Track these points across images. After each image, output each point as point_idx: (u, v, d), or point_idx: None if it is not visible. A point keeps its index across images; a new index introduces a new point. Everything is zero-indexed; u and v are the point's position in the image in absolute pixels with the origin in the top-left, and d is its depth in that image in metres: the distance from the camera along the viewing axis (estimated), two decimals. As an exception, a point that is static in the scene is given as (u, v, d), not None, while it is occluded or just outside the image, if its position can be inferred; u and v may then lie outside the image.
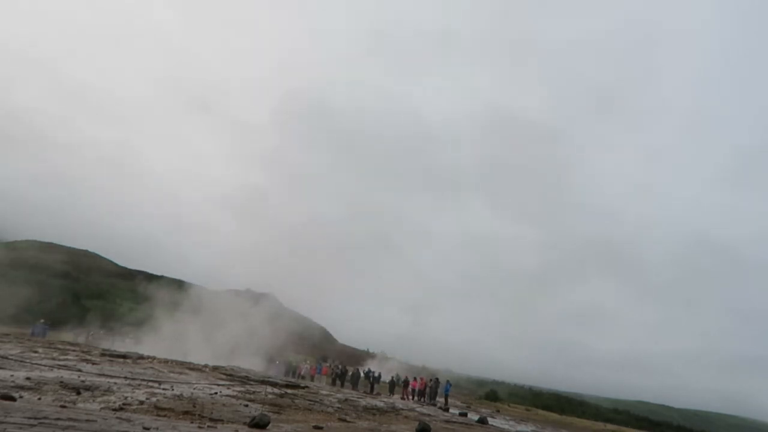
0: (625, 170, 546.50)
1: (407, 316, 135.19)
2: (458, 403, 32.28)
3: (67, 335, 28.58)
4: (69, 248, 60.36)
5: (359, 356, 60.83)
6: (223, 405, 8.92)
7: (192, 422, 6.74)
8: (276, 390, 13.17)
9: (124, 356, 15.25)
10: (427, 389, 26.55)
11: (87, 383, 8.84)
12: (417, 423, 10.10)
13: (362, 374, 29.27)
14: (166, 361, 15.66)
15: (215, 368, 15.85)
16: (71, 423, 4.82)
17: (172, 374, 12.77)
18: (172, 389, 9.94)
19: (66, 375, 9.63)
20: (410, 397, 25.58)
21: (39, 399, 7.07)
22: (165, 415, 7.21)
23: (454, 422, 14.81)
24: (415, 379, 28.23)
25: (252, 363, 19.83)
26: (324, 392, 15.96)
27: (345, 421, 9.94)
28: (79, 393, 7.98)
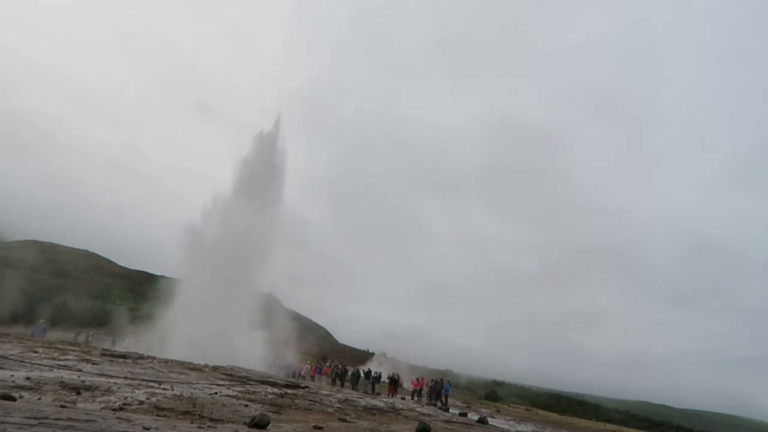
0: (625, 172, 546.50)
1: (408, 316, 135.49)
2: (458, 403, 32.30)
3: (67, 335, 28.56)
4: (69, 248, 60.40)
5: (359, 356, 60.88)
6: (223, 405, 8.91)
7: (192, 422, 6.74)
8: (276, 390, 13.16)
9: (124, 356, 15.24)
10: (426, 389, 26.56)
11: (87, 383, 8.84)
12: (417, 423, 10.10)
13: (362, 374, 29.27)
14: (166, 361, 15.66)
15: (215, 368, 15.84)
16: (71, 423, 4.82)
17: (172, 374, 12.76)
18: (172, 389, 9.93)
19: (66, 375, 9.63)
20: (398, 396, 25.56)
21: (39, 399, 7.07)
22: (165, 415, 7.20)
23: (454, 422, 14.80)
24: (417, 379, 28.21)
25: (252, 363, 19.83)
26: (324, 392, 15.95)
27: (345, 421, 9.94)
28: (79, 393, 7.97)
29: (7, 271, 38.27)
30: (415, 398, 25.84)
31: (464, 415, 19.47)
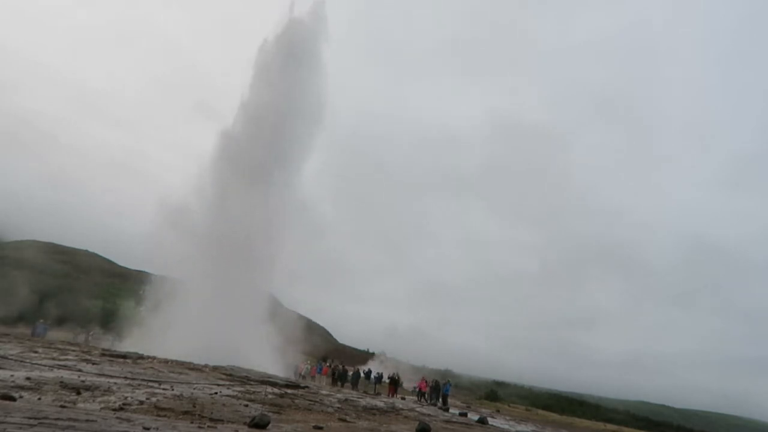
0: (625, 172, 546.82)
1: (408, 316, 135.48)
2: (458, 403, 32.29)
3: (67, 335, 28.55)
4: (69, 248, 60.36)
5: (359, 356, 60.85)
6: (223, 405, 8.91)
7: (192, 422, 6.74)
8: (276, 390, 13.17)
9: (124, 356, 15.23)
10: (427, 389, 26.57)
11: (87, 383, 8.84)
12: (417, 423, 10.10)
13: (362, 374, 29.27)
14: (166, 361, 15.65)
15: (215, 368, 15.84)
16: (71, 423, 4.82)
17: (172, 374, 12.76)
18: (172, 389, 9.93)
19: (66, 375, 9.63)
20: (398, 396, 25.57)
21: (39, 399, 7.07)
22: (165, 415, 7.21)
23: (454, 422, 14.80)
24: (426, 381, 28.16)
25: (254, 364, 19.61)
26: (324, 392, 15.96)
27: (345, 421, 9.94)
28: (79, 393, 7.98)
29: (7, 271, 38.28)
30: (418, 398, 25.89)
31: (464, 415, 19.47)
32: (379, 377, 30.21)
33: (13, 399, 6.24)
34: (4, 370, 9.09)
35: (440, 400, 25.26)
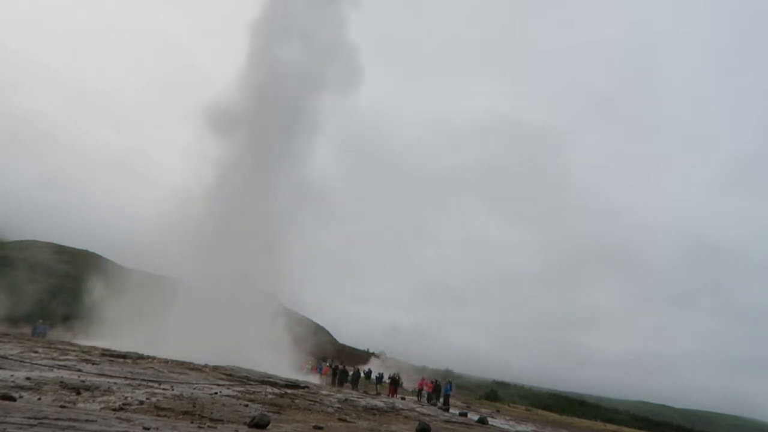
0: (625, 172, 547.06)
1: (408, 316, 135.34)
2: (458, 403, 32.27)
3: (66, 335, 28.55)
4: (70, 248, 60.38)
5: (359, 356, 60.85)
6: (223, 405, 8.91)
7: (192, 422, 6.74)
8: (276, 390, 13.17)
9: (124, 356, 15.23)
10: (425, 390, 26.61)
11: (87, 383, 8.84)
12: (417, 423, 10.10)
13: (362, 374, 29.27)
14: (166, 361, 15.65)
15: (215, 368, 15.84)
16: (71, 423, 4.82)
17: (172, 374, 12.76)
18: (172, 389, 9.93)
19: (66, 375, 9.63)
20: (398, 396, 25.61)
21: (39, 399, 7.08)
22: (165, 415, 7.21)
23: (454, 422, 14.81)
24: (432, 382, 28.18)
25: (256, 363, 19.49)
26: (324, 392, 15.95)
27: (345, 421, 9.95)
28: (79, 393, 7.98)
29: (8, 272, 38.30)
30: (418, 398, 25.91)
31: (464, 415, 19.47)
32: (380, 377, 30.21)
33: (13, 399, 6.24)
34: (4, 370, 9.09)
35: (441, 400, 25.25)
